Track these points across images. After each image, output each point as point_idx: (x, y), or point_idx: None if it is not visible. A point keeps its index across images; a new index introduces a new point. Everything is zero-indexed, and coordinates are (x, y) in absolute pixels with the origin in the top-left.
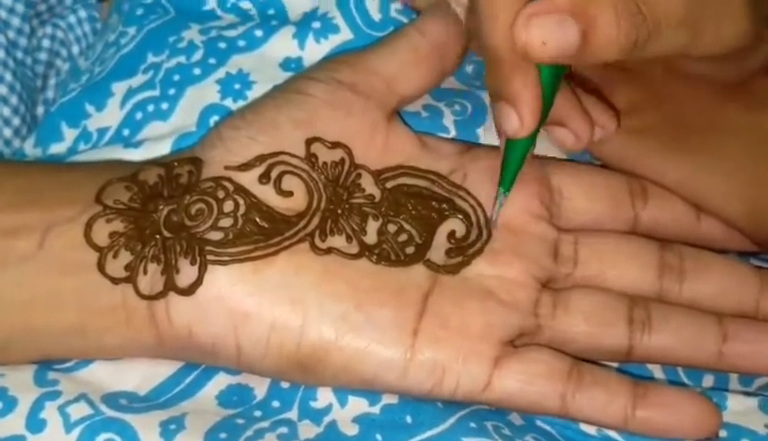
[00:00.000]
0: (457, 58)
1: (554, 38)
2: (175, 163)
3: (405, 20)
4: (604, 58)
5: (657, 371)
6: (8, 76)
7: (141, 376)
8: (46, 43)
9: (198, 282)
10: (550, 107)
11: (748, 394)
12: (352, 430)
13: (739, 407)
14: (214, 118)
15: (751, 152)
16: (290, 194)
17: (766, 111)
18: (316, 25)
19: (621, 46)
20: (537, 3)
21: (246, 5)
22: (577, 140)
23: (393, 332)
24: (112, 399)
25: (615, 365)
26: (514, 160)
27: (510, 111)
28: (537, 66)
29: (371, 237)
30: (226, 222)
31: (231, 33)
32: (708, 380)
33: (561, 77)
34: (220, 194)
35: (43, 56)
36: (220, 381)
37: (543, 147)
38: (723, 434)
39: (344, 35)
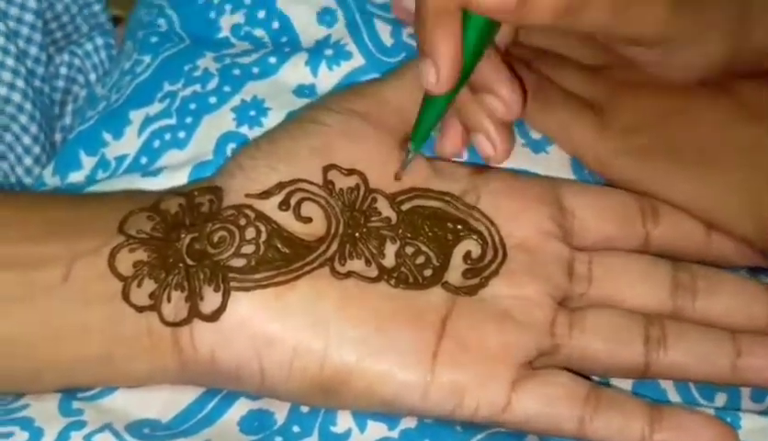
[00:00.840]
0: None
1: None
2: (196, 193)
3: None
4: (537, 21)
5: (670, 389)
6: (28, 106)
7: (162, 403)
8: (63, 71)
9: (222, 308)
10: (472, 68)
11: (761, 413)
12: None
13: (752, 426)
14: (231, 146)
15: (755, 166)
16: (309, 220)
17: (763, 124)
18: (329, 52)
19: (556, 10)
20: None
21: (260, 32)
22: (507, 109)
23: (413, 355)
24: (136, 428)
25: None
26: (429, 117)
27: (429, 65)
28: (465, 26)
29: (389, 260)
30: (248, 249)
31: (245, 60)
32: (721, 399)
33: (488, 41)
34: (242, 221)
35: (60, 83)
36: (241, 407)
37: (553, 169)
38: None
39: (357, 61)
